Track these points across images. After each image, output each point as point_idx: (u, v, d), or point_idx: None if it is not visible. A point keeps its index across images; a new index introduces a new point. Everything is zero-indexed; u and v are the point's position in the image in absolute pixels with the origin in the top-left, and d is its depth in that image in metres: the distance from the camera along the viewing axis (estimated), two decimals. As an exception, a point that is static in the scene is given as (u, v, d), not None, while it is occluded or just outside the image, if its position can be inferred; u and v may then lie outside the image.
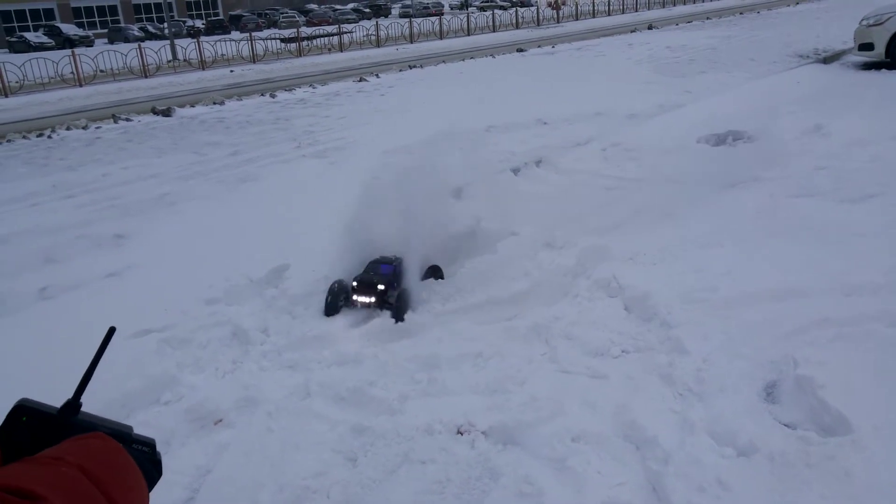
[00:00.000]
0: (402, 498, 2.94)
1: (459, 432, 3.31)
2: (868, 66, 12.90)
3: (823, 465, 2.72)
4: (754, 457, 2.85)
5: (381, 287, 4.56)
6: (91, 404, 3.09)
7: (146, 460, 1.11)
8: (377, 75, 17.81)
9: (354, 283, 4.61)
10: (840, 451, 2.77)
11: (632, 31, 27.75)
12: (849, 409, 2.98)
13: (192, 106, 14.07)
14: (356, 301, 4.59)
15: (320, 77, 18.11)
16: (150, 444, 1.14)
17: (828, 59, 14.44)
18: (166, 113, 13.21)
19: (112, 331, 1.22)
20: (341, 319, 4.54)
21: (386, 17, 53.68)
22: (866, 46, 12.57)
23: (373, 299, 4.55)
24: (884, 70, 12.29)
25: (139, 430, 3.33)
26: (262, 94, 15.19)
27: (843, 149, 7.44)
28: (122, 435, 1.09)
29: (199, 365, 4.20)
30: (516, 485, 2.85)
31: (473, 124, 9.63)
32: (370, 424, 3.42)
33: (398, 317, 4.43)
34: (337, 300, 4.57)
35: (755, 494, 2.65)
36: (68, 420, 1.04)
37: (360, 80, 16.70)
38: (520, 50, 23.25)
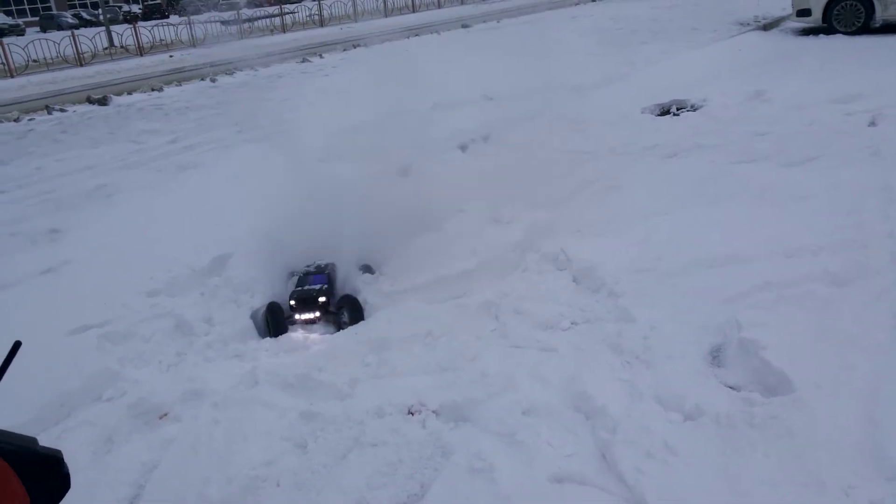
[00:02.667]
0: (354, 482, 2.90)
1: (410, 413, 3.28)
2: (806, 32, 13.16)
3: (767, 424, 2.76)
4: (700, 420, 2.88)
5: (322, 300, 4.35)
6: (26, 407, 2.95)
7: (51, 475, 1.06)
8: (321, 56, 17.48)
9: (292, 302, 4.36)
10: (783, 410, 2.82)
11: (576, 4, 27.81)
12: (791, 369, 3.04)
13: (130, 93, 13.61)
14: (298, 320, 4.35)
15: (263, 59, 17.67)
16: (55, 458, 1.09)
17: (767, 26, 14.70)
18: (102, 102, 12.75)
19: (17, 345, 1.15)
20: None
21: (329, -4, 52.67)
22: (804, 13, 12.82)
23: (317, 314, 4.34)
24: (821, 35, 12.55)
25: (80, 429, 3.19)
26: (203, 79, 14.78)
27: (783, 113, 7.58)
28: (22, 450, 1.03)
29: (142, 359, 4.08)
30: (468, 461, 2.84)
31: (419, 103, 9.49)
32: (319, 410, 3.36)
33: (353, 322, 4.21)
34: (281, 321, 4.29)
35: (702, 457, 2.69)
36: None
37: (304, 62, 16.37)
38: (465, 26, 23.10)
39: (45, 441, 2.87)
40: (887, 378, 2.96)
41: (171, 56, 22.77)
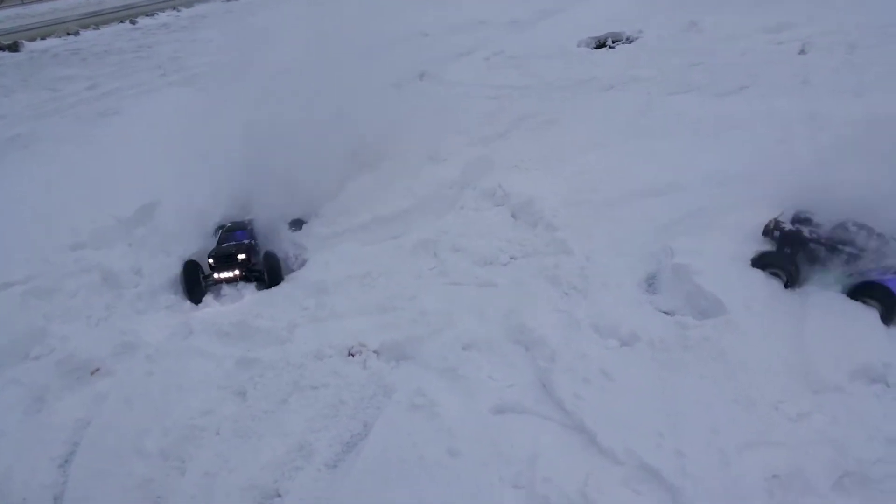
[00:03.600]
0: (295, 426, 2.87)
1: (350, 354, 3.24)
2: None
3: (700, 346, 2.83)
4: (636, 345, 2.94)
5: (241, 257, 4.07)
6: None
7: None
8: (247, -6, 16.73)
9: (211, 260, 4.06)
10: (715, 332, 2.89)
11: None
12: (723, 293, 3.10)
13: (44, 38, 12.81)
14: (218, 278, 4.04)
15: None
16: None
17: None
18: (13, 48, 11.96)
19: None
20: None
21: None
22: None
23: (236, 272, 4.05)
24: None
25: (8, 388, 3.04)
26: (122, 22, 13.99)
27: (716, 44, 7.61)
28: None
29: (70, 314, 3.91)
30: (409, 398, 2.83)
31: (353, 41, 9.19)
32: (257, 356, 3.30)
33: (272, 283, 3.99)
34: (198, 282, 3.99)
35: (637, 380, 2.74)
36: None
37: (229, 0, 15.64)
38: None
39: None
40: (817, 298, 3.05)
41: (87, -2, 21.46)
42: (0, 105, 8.07)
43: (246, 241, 4.21)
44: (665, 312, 3.17)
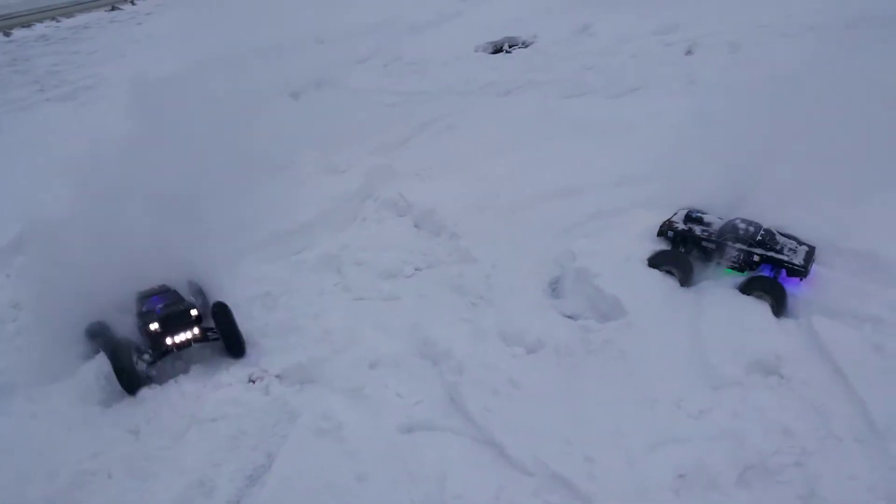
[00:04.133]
0: (194, 461, 2.71)
1: (251, 381, 3.10)
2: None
3: (602, 349, 2.86)
4: (541, 352, 2.94)
5: (194, 313, 3.25)
6: None
7: None
8: (133, 2, 15.97)
9: (156, 326, 3.16)
10: (616, 334, 2.93)
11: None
12: (622, 294, 3.15)
13: None
14: (172, 344, 3.20)
15: (65, 9, 15.89)
16: None
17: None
18: None
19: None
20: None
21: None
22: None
23: (193, 332, 3.22)
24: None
25: None
26: (-6, 33, 13.09)
27: (609, 46, 7.79)
28: None
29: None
30: (314, 422, 2.73)
31: (241, 48, 8.91)
32: (147, 393, 3.09)
33: (239, 349, 3.22)
34: (132, 362, 3.05)
35: (544, 387, 2.74)
36: None
37: (113, 10, 14.91)
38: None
39: None
40: (711, 294, 3.14)
41: (-46, 7, 19.93)
42: None
43: (183, 299, 3.39)
44: (569, 317, 3.20)
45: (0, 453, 2.86)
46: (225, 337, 3.23)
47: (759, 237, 3.19)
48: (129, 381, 3.03)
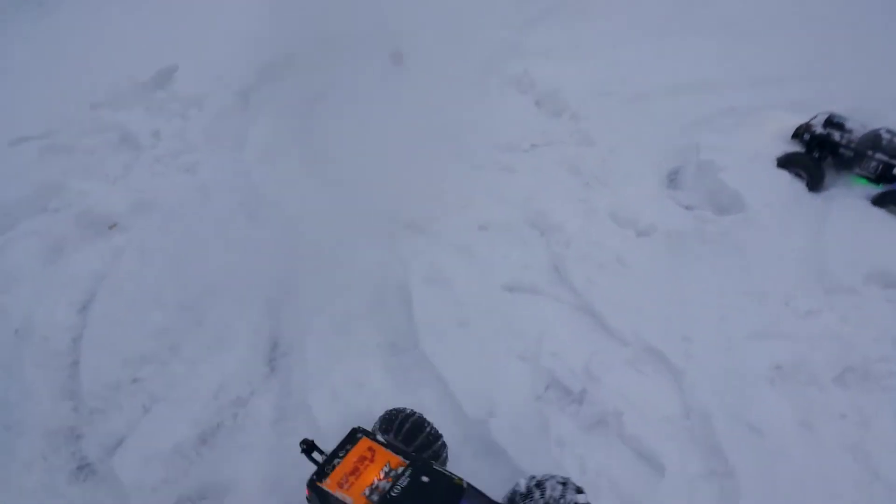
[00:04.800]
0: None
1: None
2: None
3: (717, 240, 2.83)
4: (653, 235, 2.94)
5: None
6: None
7: None
8: None
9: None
10: (734, 227, 2.88)
11: None
12: (745, 189, 3.07)
13: None
14: None
15: None
16: None
17: None
18: None
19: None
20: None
21: None
22: None
23: None
24: None
25: (27, 239, 3.07)
26: None
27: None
28: None
29: (88, 171, 3.92)
30: (424, 271, 2.86)
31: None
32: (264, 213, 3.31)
33: None
34: None
35: (651, 269, 2.76)
36: None
37: None
38: None
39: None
40: (840, 202, 3.01)
41: None
42: (14, -41, 7.78)
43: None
44: (685, 207, 3.15)
45: (140, 260, 3.18)
46: None
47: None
48: None
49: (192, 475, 2.35)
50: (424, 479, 1.78)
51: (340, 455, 1.86)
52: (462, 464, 2.15)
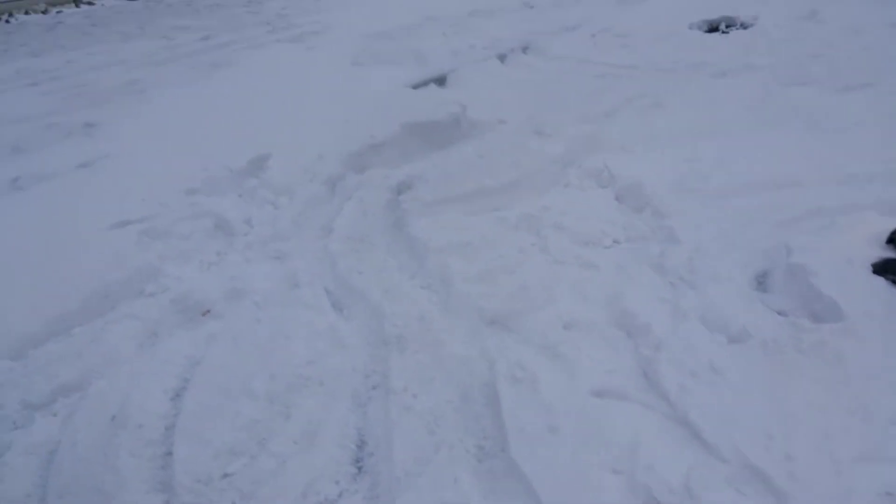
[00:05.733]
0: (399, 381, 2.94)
1: (451, 321, 3.28)
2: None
3: (815, 350, 2.74)
4: (747, 343, 2.86)
5: None
6: (73, 296, 2.98)
7: None
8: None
9: None
10: (832, 337, 2.79)
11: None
12: (841, 297, 2.99)
13: (158, -13, 13.24)
14: None
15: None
16: None
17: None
18: (130, -6, 12.45)
19: None
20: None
21: None
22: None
23: None
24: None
25: (125, 322, 3.22)
26: (232, -25, 14.32)
27: (837, 36, 7.21)
28: None
29: (183, 256, 4.11)
30: (510, 370, 2.85)
31: (456, 9, 9.19)
32: (353, 313, 3.39)
33: None
34: None
35: (748, 379, 2.68)
36: None
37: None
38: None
39: (88, 332, 2.89)
40: (941, 311, 2.90)
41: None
42: (119, 50, 8.43)
43: None
44: (777, 312, 3.08)
45: (232, 348, 3.28)
46: None
47: None
48: None
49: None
50: None
51: None
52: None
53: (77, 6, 11.80)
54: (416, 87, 6.43)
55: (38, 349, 3.41)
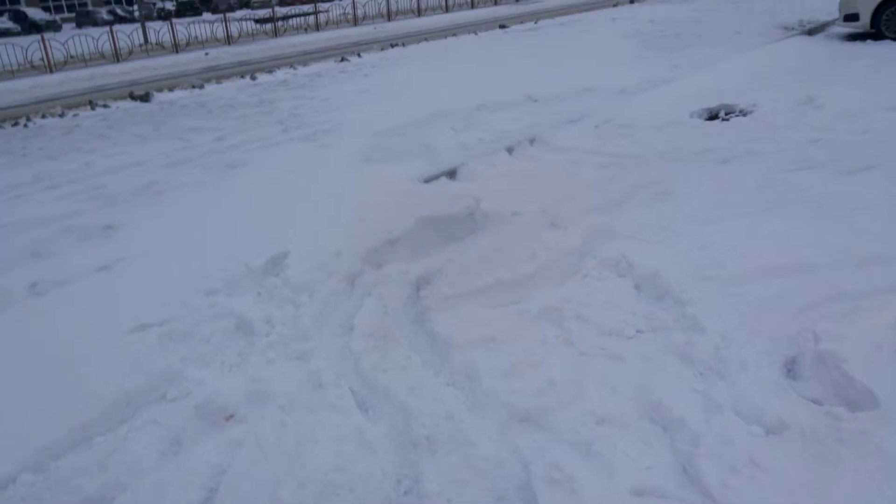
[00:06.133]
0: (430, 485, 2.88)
1: (480, 419, 3.24)
2: (853, 38, 12.90)
3: (855, 440, 2.70)
4: (785, 434, 2.82)
5: None
6: (93, 404, 2.97)
7: None
8: (359, 55, 17.50)
9: None
10: (871, 425, 2.75)
11: (614, 6, 27.56)
12: (874, 383, 2.97)
13: (171, 90, 13.74)
14: None
15: (299, 58, 17.77)
16: None
17: (813, 31, 14.42)
18: (144, 98, 12.89)
19: None
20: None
21: (360, -5, 52.82)
22: (851, 17, 12.55)
23: None
24: (869, 41, 12.30)
25: (147, 428, 3.21)
26: (242, 77, 14.88)
27: (835, 121, 7.43)
28: None
29: (204, 359, 4.09)
30: (546, 471, 2.80)
31: (463, 103, 9.51)
32: (381, 415, 3.35)
33: None
34: None
35: (790, 472, 2.63)
36: None
37: (342, 61, 16.41)
38: (502, 26, 22.99)
39: (110, 440, 2.87)
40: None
41: (206, 54, 22.96)
42: (136, 152, 8.67)
43: None
44: (811, 401, 3.05)
45: (258, 454, 3.22)
46: None
47: None
48: None
49: None
50: None
51: None
52: None
53: (93, 109, 12.20)
54: (427, 181, 6.57)
55: (60, 461, 3.34)
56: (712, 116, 8.39)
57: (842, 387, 3.06)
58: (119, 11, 48.13)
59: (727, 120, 8.20)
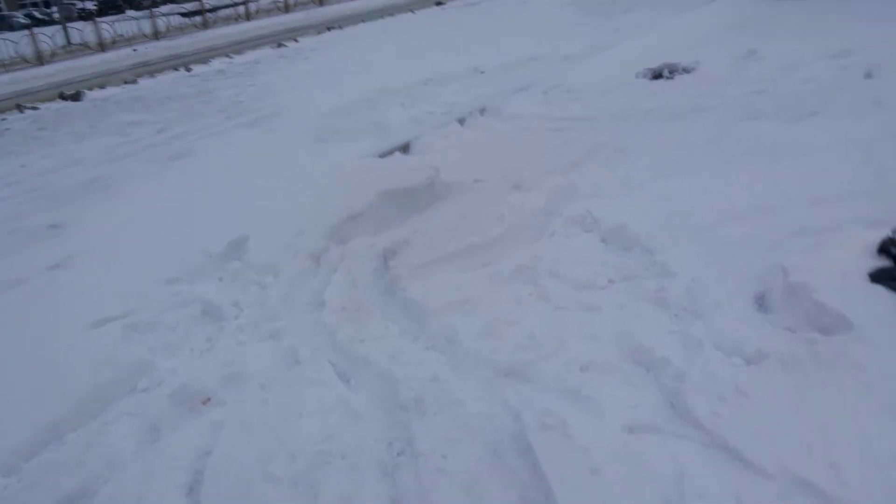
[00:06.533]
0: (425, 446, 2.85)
1: (466, 378, 3.23)
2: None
3: (834, 361, 2.78)
4: (765, 363, 2.88)
5: None
6: (64, 401, 2.83)
7: None
8: (296, 40, 17.16)
9: None
10: (846, 347, 2.83)
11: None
12: (846, 308, 3.05)
13: (102, 87, 13.23)
14: None
15: (234, 47, 17.30)
16: None
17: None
18: (76, 97, 12.38)
19: None
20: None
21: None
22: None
23: None
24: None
25: (121, 421, 3.08)
26: (176, 69, 14.42)
27: (778, 72, 7.61)
28: None
29: (173, 347, 3.96)
30: (538, 418, 2.80)
31: (409, 80, 9.42)
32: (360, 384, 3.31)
33: None
34: None
35: (776, 397, 2.69)
36: None
37: (280, 46, 16.08)
38: (439, 3, 22.87)
39: (84, 436, 2.75)
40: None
41: (134, 50, 22.15)
42: (74, 150, 8.34)
43: None
44: (787, 330, 3.12)
45: (242, 433, 3.14)
46: None
47: None
48: None
49: None
50: None
51: None
52: None
53: (21, 112, 11.67)
54: (381, 156, 6.49)
55: (32, 461, 3.20)
56: (657, 76, 8.50)
57: (814, 315, 3.14)
58: (37, 14, 46.00)
59: (671, 78, 8.32)
